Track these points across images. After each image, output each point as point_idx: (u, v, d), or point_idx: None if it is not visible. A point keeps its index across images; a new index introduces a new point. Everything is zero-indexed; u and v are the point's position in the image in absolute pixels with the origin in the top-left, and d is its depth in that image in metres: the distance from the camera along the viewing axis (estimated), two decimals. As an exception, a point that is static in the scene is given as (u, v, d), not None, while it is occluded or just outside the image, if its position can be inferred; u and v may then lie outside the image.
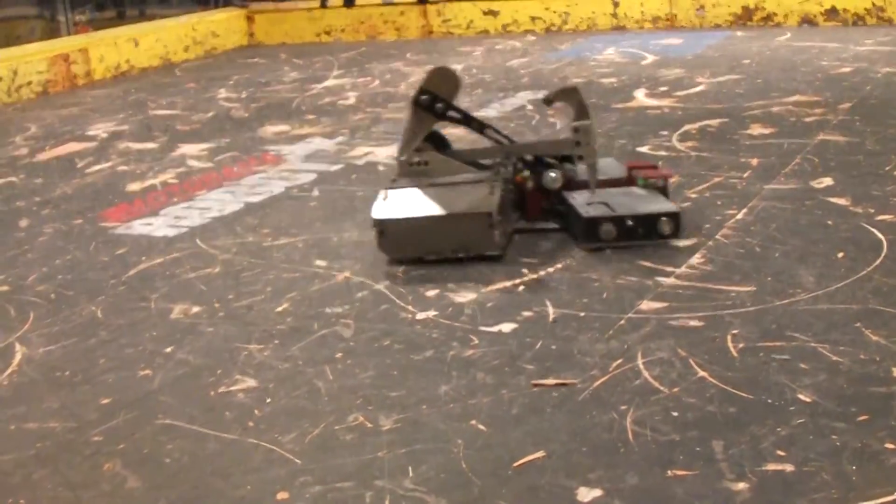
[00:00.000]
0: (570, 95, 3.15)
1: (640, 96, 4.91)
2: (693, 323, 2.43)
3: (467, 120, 3.23)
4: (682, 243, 2.93)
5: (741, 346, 2.29)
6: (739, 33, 6.61)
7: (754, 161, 3.65)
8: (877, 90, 4.68)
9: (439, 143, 3.26)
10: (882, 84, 4.80)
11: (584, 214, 2.96)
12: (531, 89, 5.27)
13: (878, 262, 2.70)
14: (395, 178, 3.16)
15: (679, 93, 4.90)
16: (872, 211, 3.08)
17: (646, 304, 2.54)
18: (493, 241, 2.93)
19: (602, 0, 7.22)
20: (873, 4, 6.61)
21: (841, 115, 4.25)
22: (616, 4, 7.18)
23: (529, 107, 4.87)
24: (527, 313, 2.56)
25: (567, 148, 3.13)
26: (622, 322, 2.46)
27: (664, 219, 2.94)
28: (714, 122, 4.27)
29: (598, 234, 2.93)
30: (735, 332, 2.36)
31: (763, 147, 3.83)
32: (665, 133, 4.15)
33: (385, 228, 2.97)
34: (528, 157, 3.16)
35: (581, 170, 3.11)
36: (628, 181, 3.16)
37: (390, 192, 3.05)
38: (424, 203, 3.00)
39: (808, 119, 4.21)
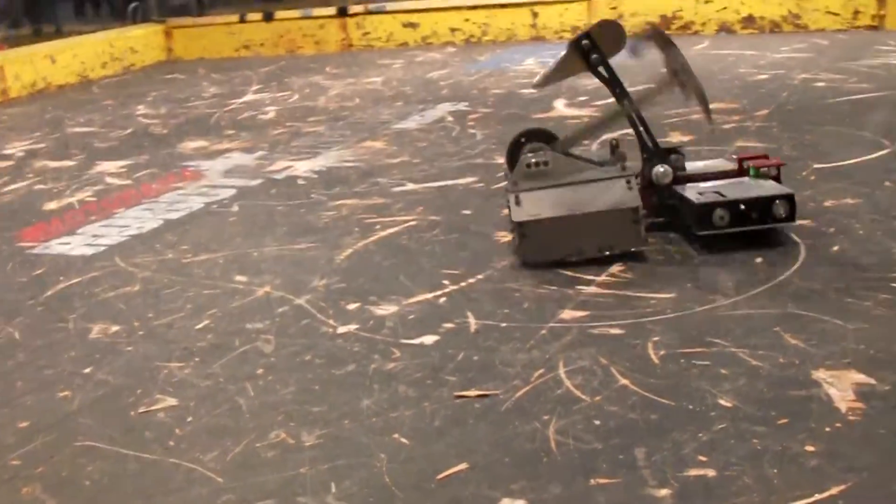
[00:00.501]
0: (656, 39, 3.17)
1: (560, 106, 4.93)
2: (614, 331, 2.43)
3: (613, 82, 3.17)
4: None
5: (662, 353, 2.30)
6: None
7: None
8: (793, 96, 4.73)
9: (547, 139, 3.20)
10: (799, 90, 4.85)
11: (696, 201, 2.90)
12: (451, 101, 5.28)
13: (796, 266, 2.73)
14: (515, 180, 3.04)
15: (599, 102, 4.91)
16: (790, 216, 3.11)
17: (567, 314, 2.55)
18: (639, 237, 2.87)
19: (521, 11, 7.25)
20: (789, 12, 6.69)
21: (758, 121, 4.29)
22: (535, 15, 7.21)
23: (450, 118, 4.87)
24: (448, 325, 2.56)
25: (672, 87, 3.13)
26: (544, 332, 2.46)
27: (778, 201, 2.87)
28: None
29: (711, 220, 2.87)
30: (656, 339, 2.37)
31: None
32: (585, 143, 4.15)
33: (527, 231, 2.88)
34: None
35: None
36: (739, 173, 3.09)
37: (521, 195, 2.96)
38: (562, 203, 2.91)
39: (726, 126, 4.24)
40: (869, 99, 4.56)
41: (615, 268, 2.81)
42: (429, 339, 2.49)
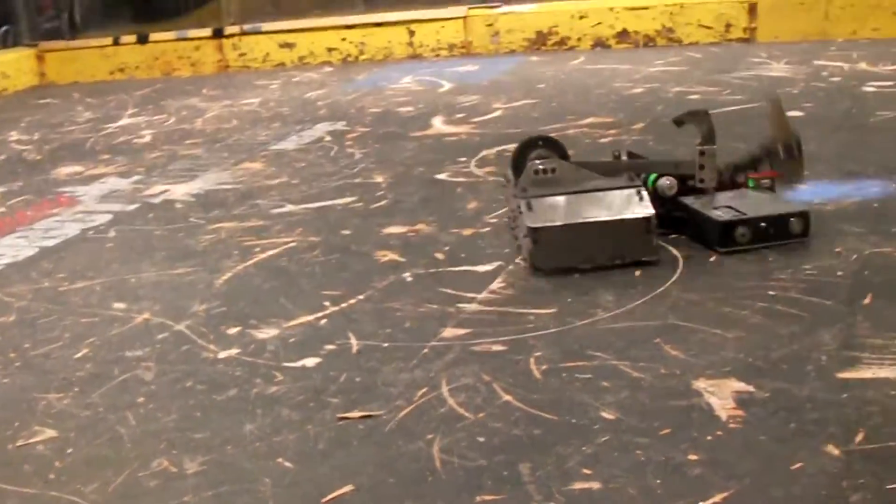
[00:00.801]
0: (699, 118, 3.13)
1: (438, 124, 4.95)
2: (496, 347, 2.44)
3: None
4: (482, 268, 2.95)
5: (544, 367, 2.31)
6: (534, 58, 6.71)
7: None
8: (668, 109, 4.79)
9: (559, 150, 3.22)
10: (673, 103, 4.92)
11: (719, 219, 2.92)
12: (329, 121, 5.26)
13: (674, 278, 2.76)
14: (523, 186, 3.03)
15: (476, 119, 4.95)
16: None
17: (449, 332, 2.55)
18: (652, 247, 2.87)
19: (398, 29, 7.26)
20: (663, 26, 6.78)
21: (634, 135, 4.34)
22: (412, 33, 7.22)
23: (328, 138, 4.85)
24: (330, 346, 2.54)
25: (689, 169, 3.10)
26: (426, 350, 2.46)
27: (793, 219, 2.93)
28: (511, 146, 4.29)
29: (734, 237, 2.90)
30: (538, 354, 2.38)
31: (559, 170, 3.88)
32: (463, 159, 4.18)
33: (539, 237, 2.87)
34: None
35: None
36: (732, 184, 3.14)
37: (533, 201, 2.94)
38: (575, 210, 2.91)
39: (602, 140, 4.28)
40: (742, 110, 4.63)
41: (496, 284, 2.82)
42: (310, 362, 2.47)
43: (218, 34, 7.67)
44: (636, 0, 6.92)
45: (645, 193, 2.94)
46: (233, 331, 2.70)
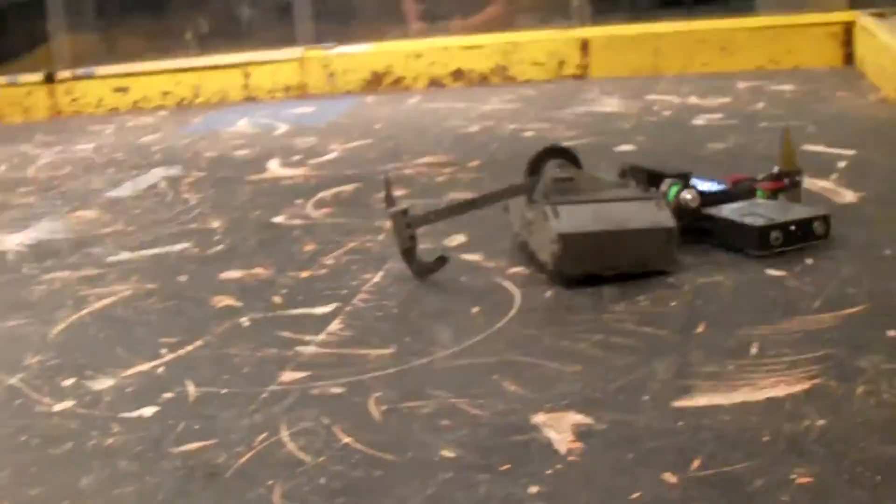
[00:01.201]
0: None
1: (274, 166, 4.92)
2: (335, 390, 2.43)
3: None
4: (319, 311, 2.94)
5: (384, 408, 2.31)
6: (370, 98, 6.73)
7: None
8: (503, 147, 4.85)
9: (573, 160, 3.24)
10: (508, 141, 4.97)
11: (756, 224, 3.02)
12: (164, 165, 5.21)
13: (511, 314, 2.78)
14: (545, 193, 3.07)
15: (313, 161, 4.94)
16: (504, 264, 3.18)
17: (287, 375, 2.53)
18: (672, 257, 2.93)
19: (232, 72, 7.22)
20: (497, 64, 6.85)
21: (470, 173, 4.37)
22: (247, 75, 7.19)
23: (163, 184, 4.80)
24: (168, 395, 2.50)
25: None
26: (265, 395, 2.43)
27: (816, 222, 3.06)
28: (348, 187, 4.32)
29: (769, 241, 3.01)
30: (377, 395, 2.37)
31: (396, 209, 3.89)
32: (300, 201, 4.16)
33: (568, 243, 2.88)
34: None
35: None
36: (738, 194, 3.28)
37: (559, 207, 2.96)
38: (600, 218, 2.94)
39: (439, 179, 4.31)
40: (576, 146, 4.68)
41: (334, 326, 2.81)
42: (148, 411, 2.43)
43: (49, 79, 7.54)
44: (470, 39, 7.00)
45: (664, 204, 3.04)
46: (68, 382, 2.64)
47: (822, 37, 6.43)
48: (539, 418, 2.19)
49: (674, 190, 3.19)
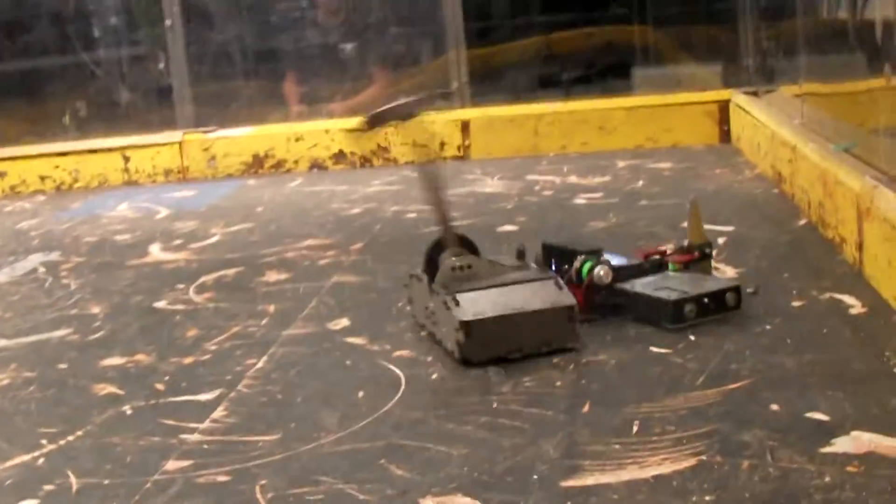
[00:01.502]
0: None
1: (156, 251, 4.87)
2: (221, 478, 2.39)
3: None
4: (203, 397, 2.90)
5: (270, 495, 2.27)
6: (251, 181, 6.71)
7: (271, 308, 3.68)
8: (386, 228, 4.86)
9: (470, 246, 3.27)
10: (391, 222, 4.99)
11: (670, 298, 3.07)
12: (43, 251, 5.12)
13: (397, 397, 2.77)
14: (443, 283, 3.09)
15: (194, 245, 4.90)
16: (389, 347, 3.17)
17: (171, 464, 2.48)
18: (575, 334, 2.96)
19: (112, 156, 7.16)
20: (378, 146, 6.88)
21: (353, 255, 4.37)
22: (127, 159, 7.13)
23: (42, 269, 4.72)
24: (49, 487, 2.44)
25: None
26: (148, 485, 2.38)
27: (729, 293, 3.13)
28: (230, 271, 4.29)
29: (683, 314, 3.05)
30: (263, 482, 2.34)
31: (279, 293, 3.87)
32: (182, 286, 4.12)
33: (471, 330, 2.89)
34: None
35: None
36: (649, 268, 3.33)
37: (459, 296, 2.97)
38: (500, 302, 2.96)
39: (322, 262, 4.30)
40: (458, 227, 4.71)
41: (218, 412, 2.77)
42: (28, 505, 2.37)
43: (-78, 166, 7.41)
44: (351, 122, 7.00)
45: (562, 283, 3.07)
46: (-58, 477, 2.57)
47: (698, 115, 6.56)
48: (427, 502, 2.17)
49: (587, 266, 3.22)
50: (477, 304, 2.99)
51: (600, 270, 3.21)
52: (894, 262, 3.04)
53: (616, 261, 3.34)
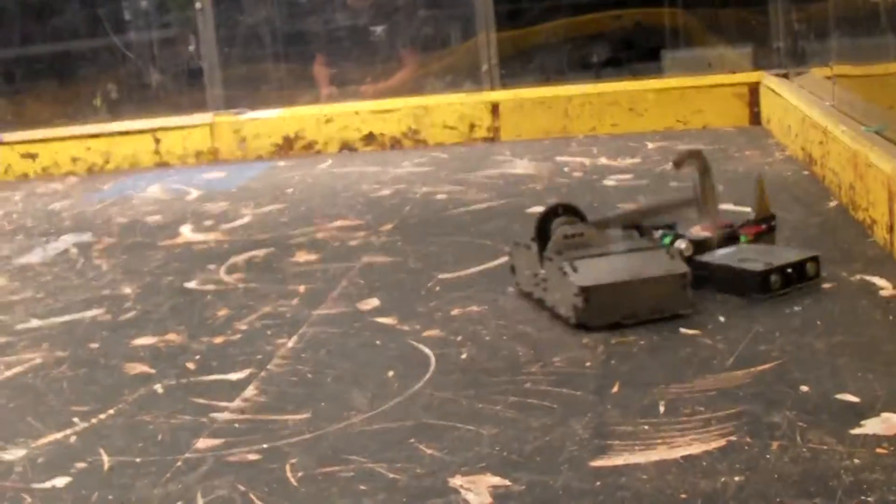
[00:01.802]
0: (695, 157, 3.35)
1: (187, 232, 4.89)
2: (251, 457, 2.40)
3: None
4: (234, 376, 2.91)
5: (300, 474, 2.29)
6: (282, 163, 6.72)
7: (301, 288, 3.69)
8: (415, 210, 4.86)
9: (577, 214, 3.33)
10: (420, 204, 4.99)
11: (757, 269, 3.14)
12: (75, 232, 5.15)
13: (427, 377, 2.78)
14: (557, 250, 3.18)
15: (225, 226, 4.91)
16: (419, 328, 3.18)
17: (202, 443, 2.50)
18: (688, 301, 3.03)
19: (143, 138, 7.18)
20: (409, 128, 6.88)
21: (383, 236, 4.37)
22: (158, 141, 7.16)
23: (74, 250, 4.75)
24: (81, 464, 2.46)
25: (691, 205, 3.33)
26: (179, 463, 2.40)
27: (809, 263, 3.20)
28: (260, 252, 4.30)
29: (769, 285, 3.12)
30: (293, 461, 2.35)
31: (309, 274, 3.89)
32: (212, 267, 4.14)
33: (591, 295, 2.97)
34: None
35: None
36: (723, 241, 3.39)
37: (577, 262, 3.07)
38: (616, 269, 3.06)
39: (352, 243, 4.31)
40: (488, 208, 4.73)
41: (249, 392, 2.79)
42: (61, 482, 2.39)
43: (-45, 147, 7.45)
44: (381, 103, 7.03)
45: (675, 252, 3.18)
46: (-24, 454, 2.59)
47: (728, 97, 6.54)
48: (457, 481, 2.18)
49: (667, 240, 3.32)
50: (594, 270, 3.08)
51: (681, 244, 3.29)
52: (925, 243, 3.03)
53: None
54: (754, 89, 6.48)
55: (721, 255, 3.30)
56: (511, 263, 3.48)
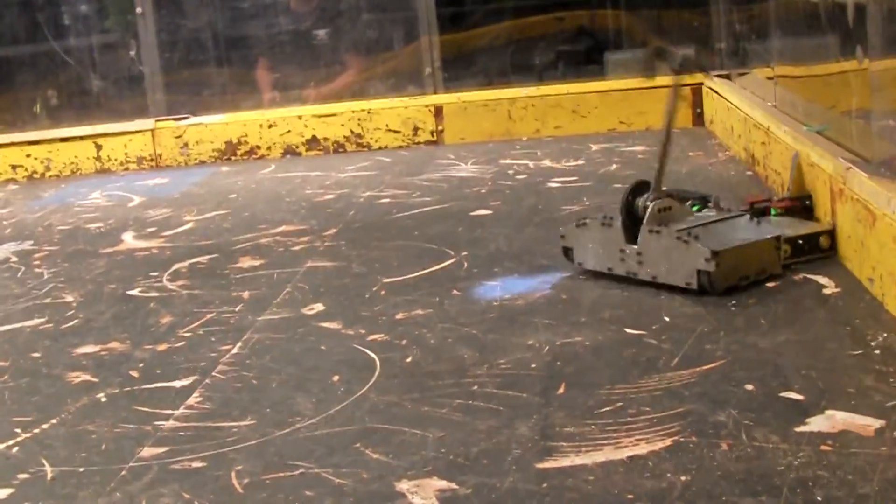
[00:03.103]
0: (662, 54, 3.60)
1: (129, 239, 4.85)
2: (196, 464, 2.38)
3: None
4: (178, 384, 2.89)
5: (246, 481, 2.27)
6: (225, 168, 6.69)
7: (246, 294, 3.67)
8: (359, 214, 4.85)
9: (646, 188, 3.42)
10: (364, 208, 4.98)
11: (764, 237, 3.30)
12: (15, 240, 5.09)
13: (372, 381, 2.77)
14: (657, 222, 3.31)
15: (167, 232, 4.88)
16: (363, 332, 3.16)
17: (146, 451, 2.48)
18: (779, 262, 3.24)
19: (84, 144, 7.12)
20: (351, 132, 6.87)
21: (327, 241, 4.36)
22: (99, 147, 7.10)
23: (14, 259, 4.70)
24: (23, 475, 2.43)
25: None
26: (123, 472, 2.38)
27: (822, 236, 3.37)
28: (204, 258, 4.27)
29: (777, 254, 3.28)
30: (239, 468, 2.33)
31: (253, 279, 3.86)
32: (155, 274, 4.10)
33: (721, 260, 3.11)
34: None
35: None
36: (756, 213, 3.52)
37: (696, 231, 3.24)
38: (727, 235, 3.27)
39: (296, 248, 4.29)
40: (432, 211, 4.73)
41: (193, 399, 2.77)
42: (3, 493, 2.35)
43: None
44: (324, 108, 7.01)
45: (761, 218, 3.44)
46: (-85, 467, 2.56)
47: (670, 99, 6.56)
48: (403, 485, 2.17)
49: (695, 209, 3.54)
50: (712, 238, 3.25)
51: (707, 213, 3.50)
52: (867, 242, 3.05)
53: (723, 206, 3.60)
54: (697, 90, 6.51)
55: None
56: (567, 246, 3.58)
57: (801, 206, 3.66)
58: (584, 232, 3.51)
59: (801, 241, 3.37)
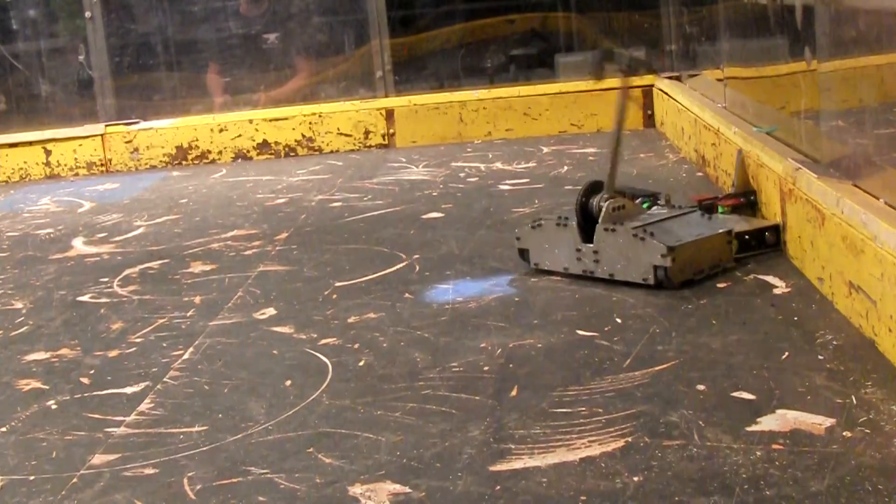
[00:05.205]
0: (610, 56, 3.62)
1: (79, 245, 4.82)
2: (148, 471, 2.37)
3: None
4: (129, 390, 2.87)
5: (198, 487, 2.26)
6: (175, 173, 6.66)
7: (197, 299, 3.65)
8: (311, 218, 4.83)
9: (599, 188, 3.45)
10: (316, 211, 4.96)
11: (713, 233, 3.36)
12: (-37, 247, 5.05)
13: (324, 385, 2.76)
14: (612, 221, 3.35)
15: (118, 238, 4.85)
16: (315, 336, 3.16)
17: (98, 458, 2.46)
18: (731, 255, 3.32)
19: (33, 149, 7.07)
20: (303, 136, 6.86)
21: (279, 245, 4.34)
22: (48, 153, 7.05)
23: (-37, 266, 4.66)
24: (-28, 484, 2.42)
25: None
26: (75, 480, 2.36)
27: (768, 232, 3.47)
28: (155, 263, 4.25)
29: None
30: (191, 474, 2.32)
31: (205, 284, 3.84)
32: (106, 279, 4.08)
33: (677, 255, 3.17)
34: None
35: None
36: (701, 210, 3.58)
37: (650, 228, 3.28)
38: (681, 231, 3.35)
39: (247, 252, 4.27)
40: (384, 214, 4.72)
41: (144, 405, 2.75)
42: (-50, 503, 2.34)
43: None
44: (275, 111, 6.99)
45: (708, 215, 3.52)
46: None
47: (621, 101, 6.58)
48: (356, 489, 2.17)
49: (646, 206, 3.59)
50: (666, 234, 3.31)
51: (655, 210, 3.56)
52: (816, 242, 3.07)
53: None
54: (648, 92, 6.54)
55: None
56: (522, 247, 3.60)
57: (747, 202, 3.73)
58: (540, 233, 3.53)
59: (747, 237, 3.44)
